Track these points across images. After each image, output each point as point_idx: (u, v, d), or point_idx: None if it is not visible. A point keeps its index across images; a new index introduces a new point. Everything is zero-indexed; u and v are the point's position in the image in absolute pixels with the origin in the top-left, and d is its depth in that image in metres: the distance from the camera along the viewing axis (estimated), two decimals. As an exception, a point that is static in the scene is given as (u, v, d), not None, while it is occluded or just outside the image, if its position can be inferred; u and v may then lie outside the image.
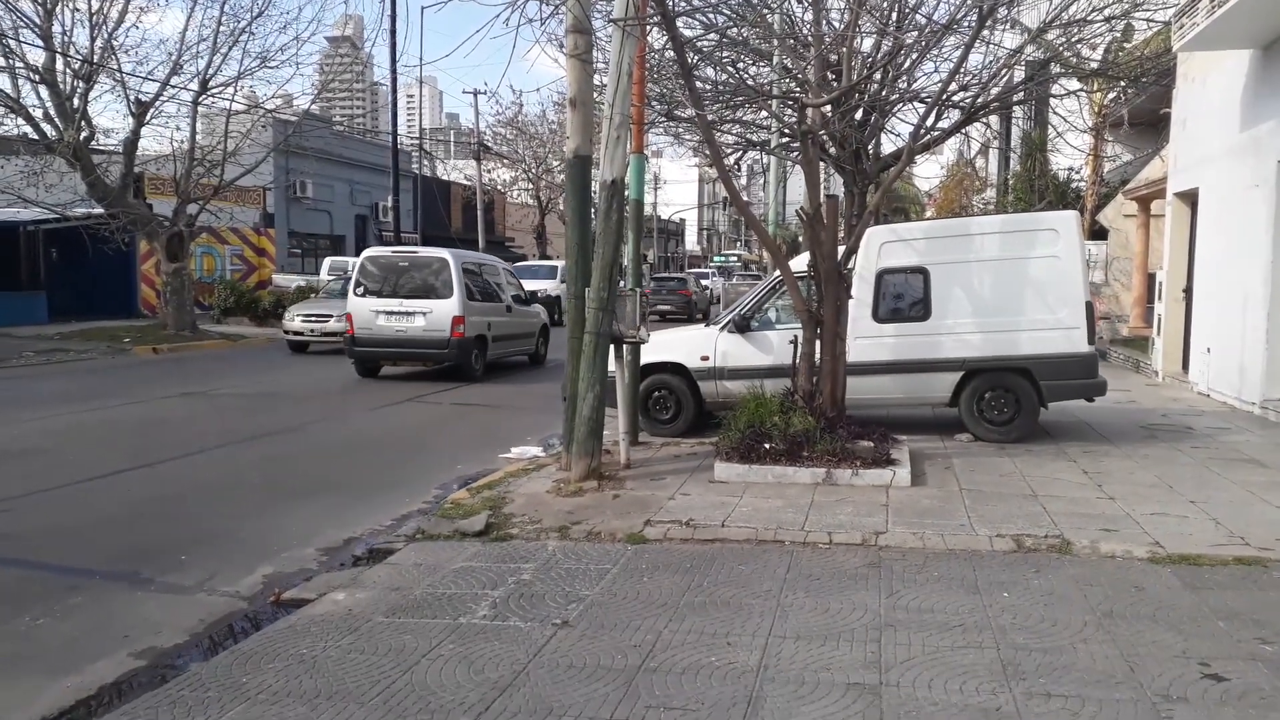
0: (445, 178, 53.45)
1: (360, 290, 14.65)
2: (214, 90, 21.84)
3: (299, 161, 33.09)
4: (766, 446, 7.16)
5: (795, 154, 8.47)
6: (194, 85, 21.56)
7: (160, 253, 21.41)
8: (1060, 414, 9.85)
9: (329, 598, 4.98)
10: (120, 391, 13.14)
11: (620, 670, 3.93)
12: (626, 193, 7.36)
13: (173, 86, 21.41)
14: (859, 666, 3.93)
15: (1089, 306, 8.74)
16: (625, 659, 4.04)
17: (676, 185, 75.93)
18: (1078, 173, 26.86)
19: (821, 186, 7.53)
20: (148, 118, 21.15)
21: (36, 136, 19.96)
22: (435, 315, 14.19)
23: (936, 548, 5.55)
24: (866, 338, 8.85)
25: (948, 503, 6.49)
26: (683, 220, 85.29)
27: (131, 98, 20.90)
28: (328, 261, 31.63)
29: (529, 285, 20.34)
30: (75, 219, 21.35)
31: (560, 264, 21.56)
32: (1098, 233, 22.16)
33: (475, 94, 40.72)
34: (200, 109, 22.61)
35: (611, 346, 7.51)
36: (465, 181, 47.84)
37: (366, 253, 15.60)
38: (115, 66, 20.33)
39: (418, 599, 4.88)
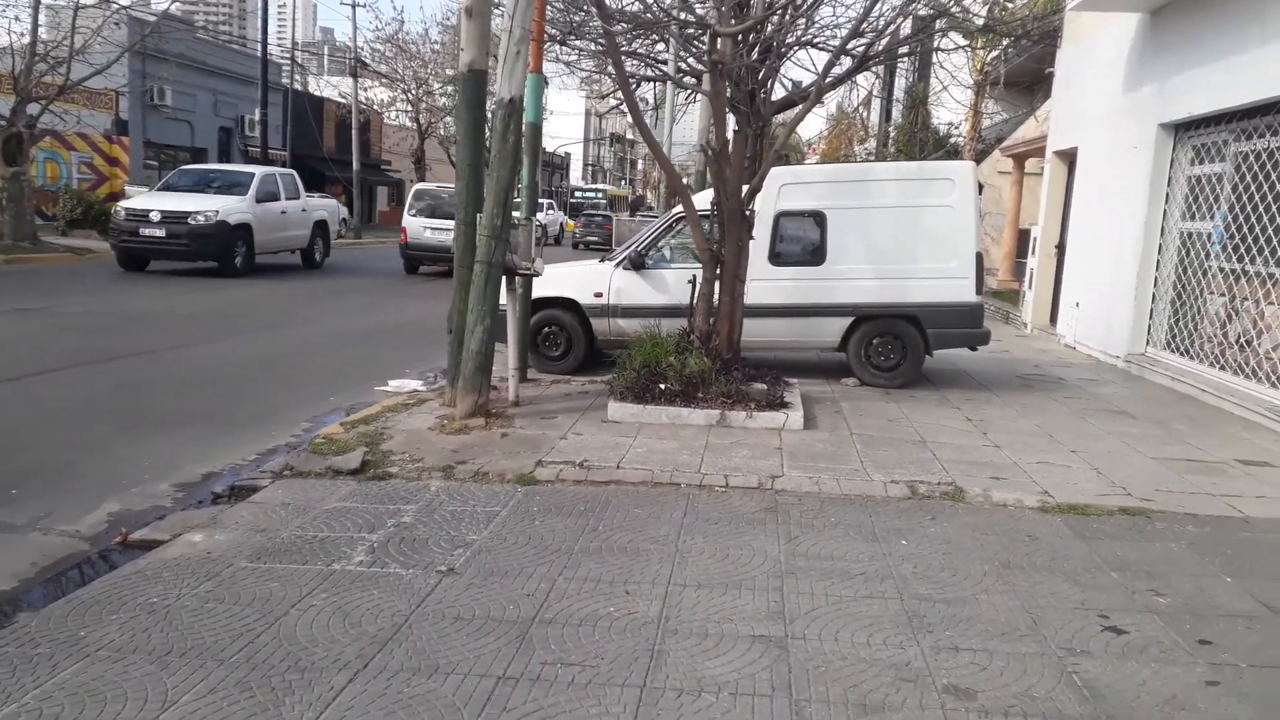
0: (319, 94, 50.65)
1: None
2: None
3: (158, 66, 30.57)
4: (662, 387, 6.94)
5: (699, 86, 8.12)
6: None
7: (-4, 155, 19.45)
8: (940, 362, 10.02)
9: (185, 539, 4.50)
10: (-55, 305, 11.85)
11: (513, 622, 3.65)
12: (527, 114, 6.93)
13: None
14: (763, 618, 3.76)
15: (979, 257, 8.82)
16: (518, 609, 3.76)
17: (563, 118, 74.44)
18: (957, 128, 27.53)
19: (728, 122, 7.24)
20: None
21: None
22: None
23: (832, 493, 5.47)
24: (762, 280, 8.70)
25: (840, 447, 6.43)
26: (568, 154, 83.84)
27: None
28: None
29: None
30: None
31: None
32: (973, 188, 22.75)
33: (354, 6, 38.36)
34: (45, 0, 20.49)
35: (505, 278, 7.11)
36: (340, 99, 45.42)
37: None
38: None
39: (286, 542, 4.46)
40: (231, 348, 10.16)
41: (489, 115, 6.81)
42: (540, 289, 8.72)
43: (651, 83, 11.61)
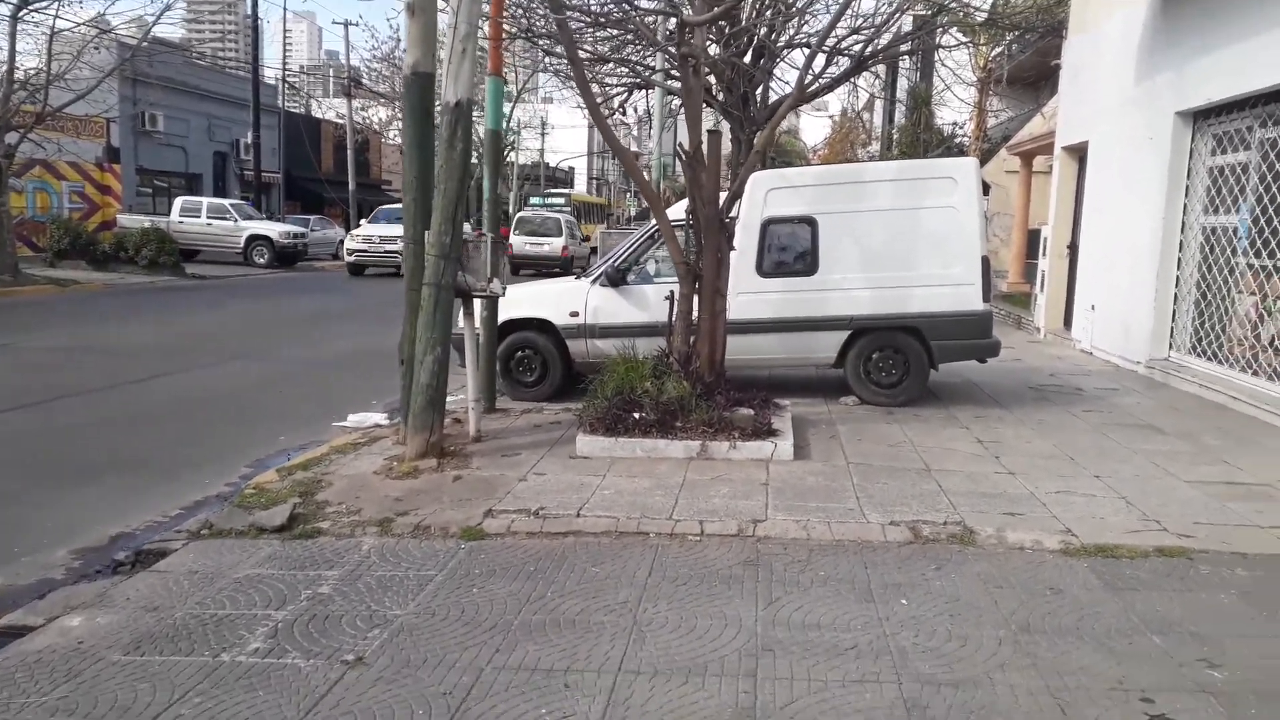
0: (319, 116, 50.27)
1: None
2: (36, 5, 19.33)
3: (148, 91, 30.18)
4: (636, 416, 6.26)
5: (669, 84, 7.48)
6: (11, -2, 19.03)
7: (-28, 186, 18.99)
8: (948, 374, 9.29)
9: (59, 624, 3.85)
10: (-101, 345, 11.29)
11: (418, 733, 2.98)
12: (486, 121, 6.31)
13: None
14: (729, 715, 3.08)
15: (985, 261, 8.12)
16: (428, 715, 3.09)
17: (566, 131, 73.99)
18: (961, 128, 26.81)
19: (703, 122, 6.58)
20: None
21: None
22: None
23: (822, 538, 4.77)
24: (749, 293, 8.03)
25: (834, 480, 5.73)
26: (571, 169, 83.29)
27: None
28: (179, 201, 29.11)
29: None
30: None
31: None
32: (980, 188, 22.04)
33: (346, 25, 37.95)
34: (28, 26, 20.07)
35: (462, 302, 6.47)
36: (338, 120, 45.01)
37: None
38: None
39: (177, 624, 3.80)
40: (195, 380, 9.54)
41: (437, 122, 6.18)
42: (511, 310, 8.08)
43: (639, 90, 10.96)
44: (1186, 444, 6.88)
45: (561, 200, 43.34)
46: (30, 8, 19.09)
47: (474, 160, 7.67)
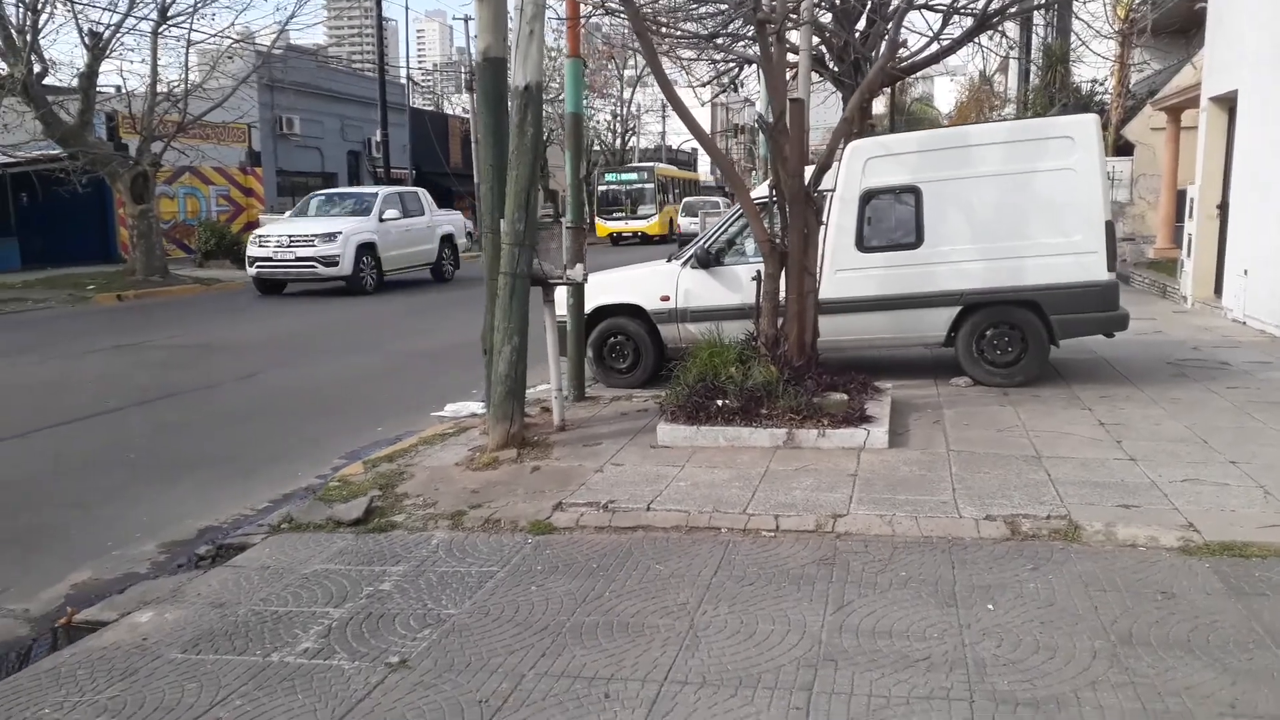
0: (448, 112, 51.66)
1: None
2: (174, 19, 20.45)
3: (284, 96, 31.65)
4: (719, 403, 6.01)
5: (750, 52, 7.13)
6: (153, 15, 20.19)
7: (125, 194, 20.28)
8: (1075, 350, 8.63)
9: (130, 620, 3.93)
10: (52, 345, 12.13)
11: (445, 744, 2.86)
12: (566, 104, 6.15)
13: (134, 17, 20.08)
14: (775, 733, 2.84)
15: (1109, 227, 7.44)
16: (458, 724, 2.97)
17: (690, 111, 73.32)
18: (1102, 84, 25.07)
19: (787, 90, 6.23)
20: (107, 51, 19.81)
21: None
22: None
23: (908, 534, 4.43)
24: (850, 269, 7.63)
25: (931, 469, 5.34)
26: (694, 150, 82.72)
27: (85, 29, 19.58)
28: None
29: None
30: (23, 160, 20.20)
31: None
32: (1123, 149, 20.55)
33: (466, 20, 38.77)
34: (171, 41, 21.28)
35: (542, 290, 6.37)
36: (464, 114, 46.10)
37: None
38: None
39: (237, 622, 3.82)
40: (301, 374, 9.84)
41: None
42: (602, 296, 7.95)
43: (748, 65, 10.63)
44: (1347, 424, 6.12)
45: (635, 176, 39.95)
46: (169, 22, 20.21)
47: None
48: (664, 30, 7.14)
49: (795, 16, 6.74)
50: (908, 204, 7.66)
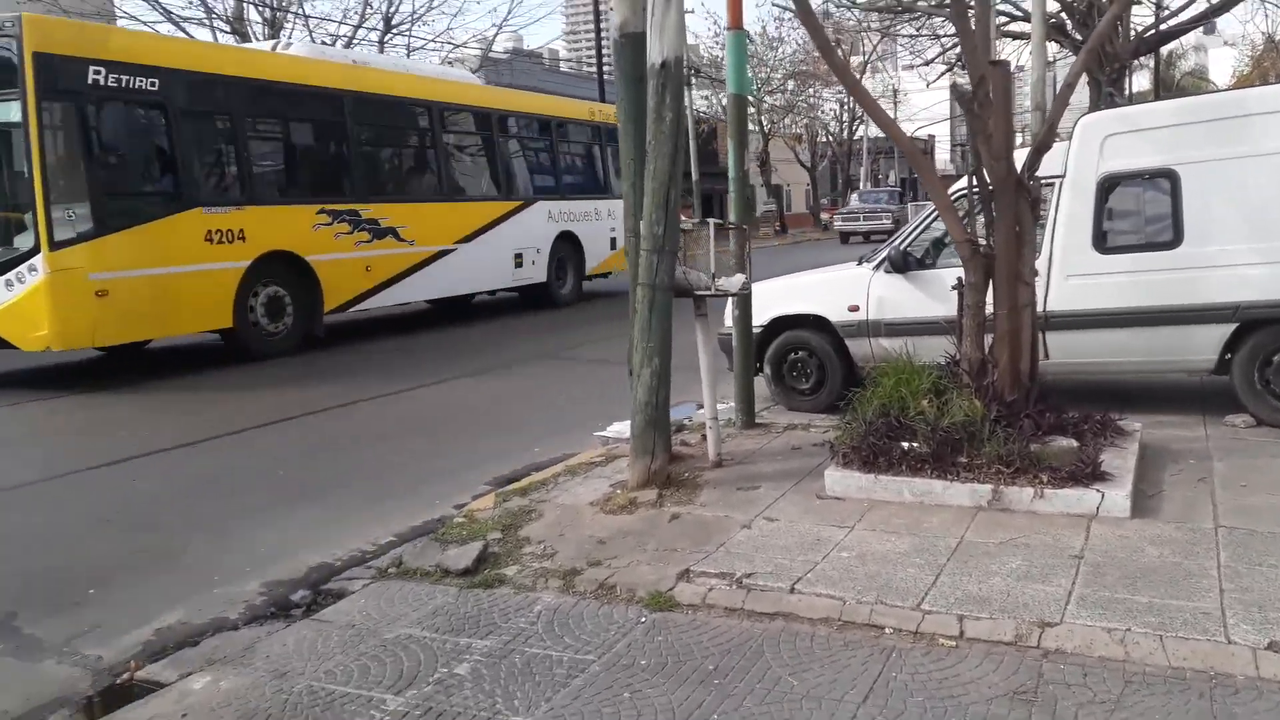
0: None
1: None
2: (398, 28, 21.31)
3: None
4: (905, 446, 4.90)
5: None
6: (379, 25, 21.15)
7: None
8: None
9: (183, 685, 3.47)
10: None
11: None
12: (728, 84, 5.25)
13: (365, 28, 21.10)
14: None
15: None
16: None
17: (919, 96, 69.78)
18: None
19: (993, 52, 4.99)
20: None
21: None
22: None
23: (1148, 661, 3.19)
24: (1084, 275, 6.22)
25: (1189, 555, 3.99)
26: (931, 137, 78.28)
27: (318, 41, 20.71)
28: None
29: None
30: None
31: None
32: None
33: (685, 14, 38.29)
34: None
35: (693, 302, 5.51)
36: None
37: None
38: (300, 10, 20.14)
39: (288, 702, 3.26)
40: (480, 385, 9.51)
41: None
42: (780, 305, 7.00)
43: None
44: None
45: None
46: (394, 30, 21.06)
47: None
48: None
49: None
50: (1162, 191, 6.13)
